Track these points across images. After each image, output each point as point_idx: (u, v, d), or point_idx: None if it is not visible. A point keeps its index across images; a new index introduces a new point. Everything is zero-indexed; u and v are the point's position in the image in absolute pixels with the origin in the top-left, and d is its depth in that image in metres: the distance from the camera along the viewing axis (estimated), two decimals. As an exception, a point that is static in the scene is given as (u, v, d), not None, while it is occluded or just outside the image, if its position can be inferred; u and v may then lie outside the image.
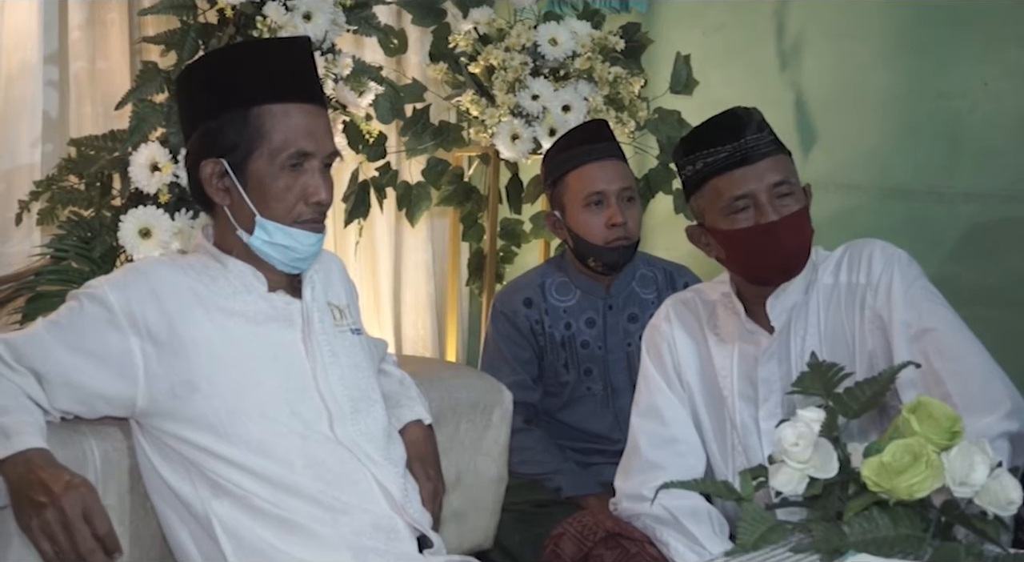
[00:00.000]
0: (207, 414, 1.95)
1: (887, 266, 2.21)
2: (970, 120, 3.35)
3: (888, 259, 2.22)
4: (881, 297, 2.19)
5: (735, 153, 2.17)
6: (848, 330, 2.23)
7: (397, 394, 2.31)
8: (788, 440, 1.76)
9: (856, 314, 2.22)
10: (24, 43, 2.91)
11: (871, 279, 2.22)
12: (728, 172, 2.17)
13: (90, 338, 1.95)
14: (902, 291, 2.18)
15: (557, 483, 2.93)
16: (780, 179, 2.18)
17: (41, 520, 1.76)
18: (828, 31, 3.66)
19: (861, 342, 2.21)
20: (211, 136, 2.02)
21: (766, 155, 2.18)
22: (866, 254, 2.25)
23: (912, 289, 2.19)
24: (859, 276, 2.24)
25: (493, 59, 3.41)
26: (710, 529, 2.18)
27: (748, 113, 2.21)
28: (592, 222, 2.94)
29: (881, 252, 2.24)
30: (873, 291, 2.20)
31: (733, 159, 2.17)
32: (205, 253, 2.09)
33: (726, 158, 2.17)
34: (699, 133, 2.24)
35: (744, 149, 2.17)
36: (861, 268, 2.24)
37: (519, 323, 3.03)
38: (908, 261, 2.23)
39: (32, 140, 2.94)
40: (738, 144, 2.17)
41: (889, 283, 2.19)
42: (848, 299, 2.24)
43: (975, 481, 1.66)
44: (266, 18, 2.74)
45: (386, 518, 2.01)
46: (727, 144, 2.17)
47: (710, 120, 2.23)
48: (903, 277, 2.20)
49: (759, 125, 2.20)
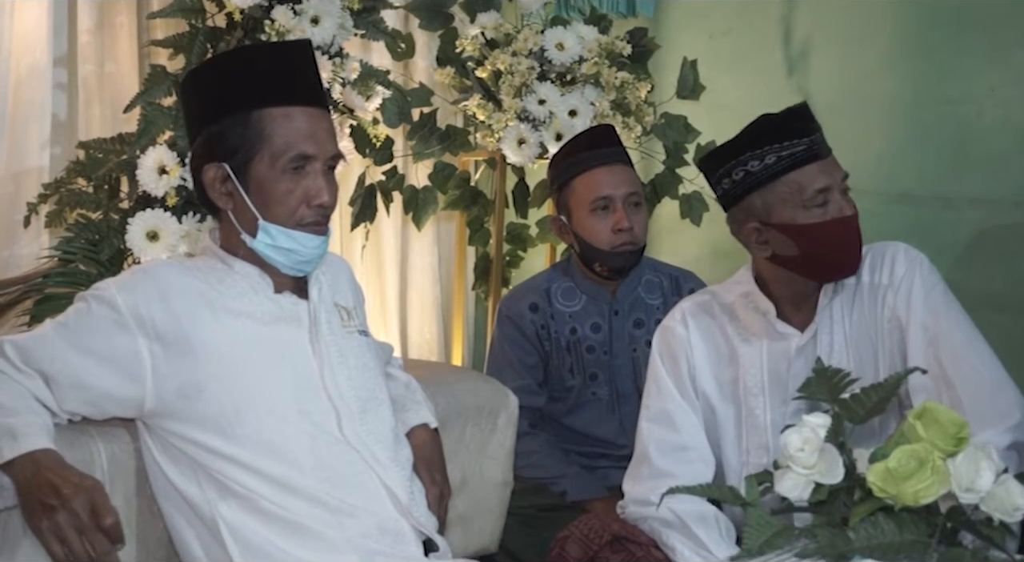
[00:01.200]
0: (215, 415, 1.96)
1: (910, 269, 2.23)
2: (977, 126, 3.34)
3: (911, 262, 2.25)
4: (902, 298, 2.21)
5: (812, 147, 2.18)
6: (871, 330, 2.24)
7: (403, 398, 2.31)
8: (794, 445, 1.76)
9: (878, 313, 2.24)
10: (33, 46, 2.92)
11: (893, 280, 2.24)
12: (808, 165, 2.18)
13: (98, 339, 1.95)
14: (922, 294, 2.20)
15: (563, 487, 2.93)
16: (845, 174, 2.22)
17: (52, 523, 1.76)
18: (835, 36, 3.66)
19: (883, 341, 2.23)
20: (213, 140, 2.03)
21: (830, 151, 2.22)
22: (889, 255, 2.27)
23: (932, 294, 2.21)
24: (882, 276, 2.26)
25: (500, 64, 3.41)
26: (717, 533, 2.18)
27: (807, 109, 2.23)
28: (598, 227, 2.94)
29: (905, 254, 2.26)
30: (895, 292, 2.22)
31: (810, 152, 2.18)
32: (212, 255, 2.10)
33: (804, 151, 2.18)
34: (770, 127, 2.22)
35: (818, 143, 2.20)
36: (884, 268, 2.26)
37: (525, 328, 3.03)
38: (930, 267, 2.26)
39: (41, 143, 2.94)
40: (813, 138, 2.19)
41: (910, 286, 2.21)
42: (870, 299, 2.25)
43: (981, 487, 1.66)
44: (274, 22, 2.75)
45: (392, 521, 2.01)
46: (804, 137, 2.19)
47: (778, 115, 2.23)
48: (924, 281, 2.22)
49: (816, 122, 2.23)
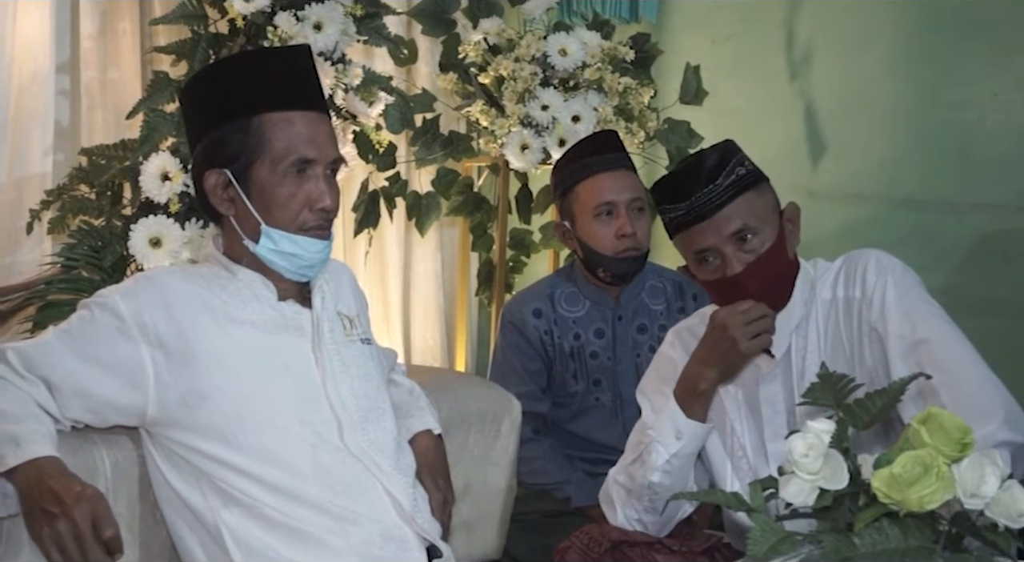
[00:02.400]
0: (217, 423, 1.96)
1: (880, 278, 2.19)
2: (979, 130, 3.34)
3: (881, 270, 2.20)
4: (876, 310, 2.18)
5: (691, 210, 2.17)
6: (847, 345, 2.21)
7: (407, 404, 2.31)
8: (798, 451, 1.75)
9: (854, 328, 2.21)
10: (36, 53, 2.92)
11: (866, 292, 2.20)
12: (689, 228, 2.18)
13: (101, 347, 1.95)
14: (895, 303, 2.17)
15: (566, 493, 2.92)
16: (738, 227, 2.16)
17: (52, 530, 1.76)
18: (837, 41, 3.65)
19: (860, 358, 2.20)
20: (214, 147, 2.03)
21: (721, 205, 2.16)
22: (860, 266, 2.23)
23: (906, 300, 2.17)
24: (855, 289, 2.22)
25: (503, 69, 3.42)
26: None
27: (700, 165, 2.18)
28: (602, 232, 2.94)
29: (876, 263, 2.22)
30: (868, 304, 2.19)
31: (689, 216, 2.17)
32: (215, 262, 2.10)
33: (683, 215, 2.18)
34: (660, 187, 2.24)
35: (698, 206, 2.16)
36: (856, 281, 2.22)
37: (528, 333, 3.03)
38: (903, 271, 2.21)
39: (43, 149, 2.95)
40: (691, 201, 2.16)
41: (883, 296, 2.18)
42: (846, 314, 2.22)
43: (986, 493, 1.65)
44: (277, 28, 2.75)
45: (395, 528, 2.01)
46: (683, 201, 2.17)
47: (667, 176, 2.24)
48: (896, 288, 2.18)
49: (710, 174, 2.16)
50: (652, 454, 2.25)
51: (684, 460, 2.26)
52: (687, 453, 2.25)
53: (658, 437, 2.25)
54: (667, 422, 2.25)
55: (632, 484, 2.29)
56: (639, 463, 2.27)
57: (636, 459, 2.29)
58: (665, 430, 2.25)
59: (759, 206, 2.19)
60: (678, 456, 2.24)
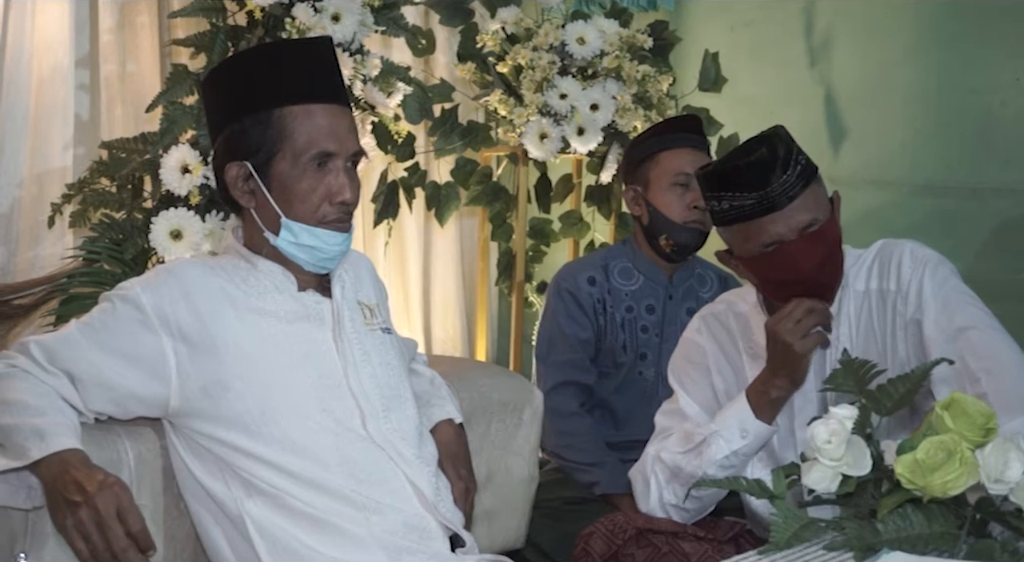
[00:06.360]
0: (240, 413, 1.96)
1: (916, 270, 2.19)
2: (1001, 115, 3.33)
3: (916, 262, 2.20)
4: (912, 303, 2.17)
5: (762, 201, 2.12)
6: (880, 337, 2.21)
7: (428, 393, 2.31)
8: (821, 438, 1.75)
9: (888, 321, 2.21)
10: (55, 47, 2.93)
11: (901, 285, 2.20)
12: (756, 219, 2.14)
13: (123, 339, 1.96)
14: (933, 294, 2.16)
15: (595, 477, 2.91)
16: (809, 220, 2.14)
17: (76, 519, 1.77)
18: (857, 26, 3.64)
19: (892, 350, 2.19)
20: (235, 139, 2.03)
21: (793, 196, 2.13)
22: (895, 258, 2.22)
23: (943, 290, 2.17)
24: (889, 282, 2.22)
25: (521, 58, 3.41)
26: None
27: (773, 154, 2.13)
28: (676, 202, 2.99)
29: (910, 255, 2.21)
30: (904, 298, 2.19)
31: (761, 206, 2.13)
32: (235, 254, 2.10)
33: (753, 205, 2.13)
34: (717, 176, 2.18)
35: (771, 197, 2.12)
36: (891, 274, 2.22)
37: (582, 300, 3.04)
38: (938, 261, 2.21)
39: (64, 143, 2.95)
40: (766, 191, 2.12)
41: (920, 288, 2.17)
42: (879, 306, 2.22)
43: (1010, 478, 1.65)
44: (295, 20, 2.75)
45: (418, 517, 2.01)
46: (752, 191, 2.13)
47: (736, 163, 2.16)
48: (933, 279, 2.17)
49: (784, 164, 2.12)
50: (712, 447, 2.24)
51: (743, 459, 2.26)
52: (748, 452, 2.25)
53: (721, 431, 2.24)
54: (733, 418, 2.24)
55: (680, 472, 2.28)
56: (695, 453, 2.27)
57: (692, 449, 2.28)
58: (730, 425, 2.24)
59: (821, 196, 2.18)
60: (738, 454, 2.24)
